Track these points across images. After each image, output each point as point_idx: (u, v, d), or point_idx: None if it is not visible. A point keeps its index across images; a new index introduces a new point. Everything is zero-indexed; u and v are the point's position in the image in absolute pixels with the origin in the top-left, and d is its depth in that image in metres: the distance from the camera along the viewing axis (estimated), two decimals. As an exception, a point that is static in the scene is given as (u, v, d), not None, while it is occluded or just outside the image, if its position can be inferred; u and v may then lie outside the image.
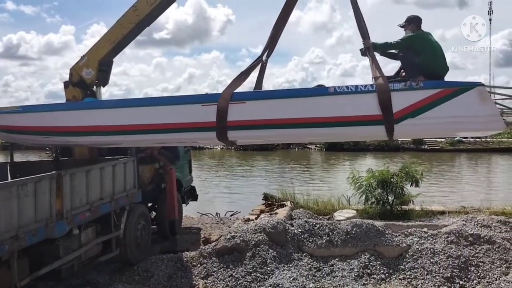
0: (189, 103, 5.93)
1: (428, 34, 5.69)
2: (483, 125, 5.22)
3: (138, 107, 6.21)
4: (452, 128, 5.53)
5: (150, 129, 6.04)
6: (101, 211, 6.96)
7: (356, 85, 5.28)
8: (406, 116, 5.09)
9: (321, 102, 5.39)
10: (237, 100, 5.56)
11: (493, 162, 31.29)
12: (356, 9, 5.61)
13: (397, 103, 5.08)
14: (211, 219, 13.07)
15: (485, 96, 4.99)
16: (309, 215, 10.05)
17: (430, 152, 36.42)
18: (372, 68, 5.33)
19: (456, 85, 5.07)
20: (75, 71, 8.35)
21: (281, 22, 5.96)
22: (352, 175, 11.64)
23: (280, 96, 5.75)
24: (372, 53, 5.45)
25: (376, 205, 11.00)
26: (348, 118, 5.32)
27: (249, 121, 5.58)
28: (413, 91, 5.09)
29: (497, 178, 24.03)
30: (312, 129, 5.55)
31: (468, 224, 8.20)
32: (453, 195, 17.24)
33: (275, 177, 24.79)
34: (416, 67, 5.43)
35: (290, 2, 5.91)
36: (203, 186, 19.67)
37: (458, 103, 4.96)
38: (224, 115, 5.49)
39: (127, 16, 7.99)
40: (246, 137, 6.25)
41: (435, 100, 5.03)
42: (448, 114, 5.03)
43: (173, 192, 9.73)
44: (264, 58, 6.05)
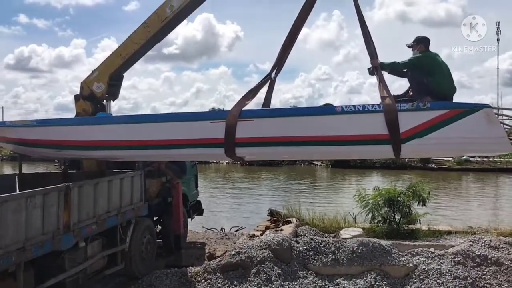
0: (199, 120, 6.07)
1: (435, 55, 5.73)
2: (490, 147, 5.24)
3: (149, 123, 6.38)
4: (459, 148, 5.56)
5: (161, 145, 6.18)
6: (108, 224, 6.99)
7: (363, 104, 5.32)
8: (413, 136, 5.12)
9: (329, 121, 5.45)
10: (246, 118, 5.64)
11: (501, 182, 30.99)
12: (364, 29, 5.71)
13: (404, 123, 5.11)
14: (216, 234, 13.04)
15: (492, 118, 5.00)
16: (314, 232, 9.99)
17: (437, 171, 36.19)
18: (380, 87, 5.38)
19: (463, 107, 5.08)
20: (86, 85, 8.48)
21: (289, 42, 6.09)
22: (358, 192, 11.60)
23: (287, 114, 5.83)
24: (380, 73, 5.50)
25: (382, 224, 10.93)
26: (355, 137, 5.37)
27: (257, 138, 5.66)
28: (420, 111, 5.11)
29: (504, 199, 23.78)
30: (319, 147, 5.60)
31: (475, 245, 8.10)
32: (460, 215, 17.07)
33: (280, 193, 24.71)
34: (424, 87, 5.46)
35: (298, 24, 6.03)
36: (208, 200, 19.65)
37: (464, 124, 4.97)
38: (232, 132, 5.58)
39: (138, 32, 8.11)
40: (254, 154, 6.35)
41: (442, 121, 5.04)
42: (455, 135, 5.05)
43: (179, 206, 9.74)
44: (272, 76, 6.14)
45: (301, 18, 6.02)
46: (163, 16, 7.81)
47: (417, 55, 5.69)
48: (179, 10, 7.70)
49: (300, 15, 6.01)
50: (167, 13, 7.76)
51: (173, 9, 7.69)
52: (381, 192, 11.15)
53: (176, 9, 7.68)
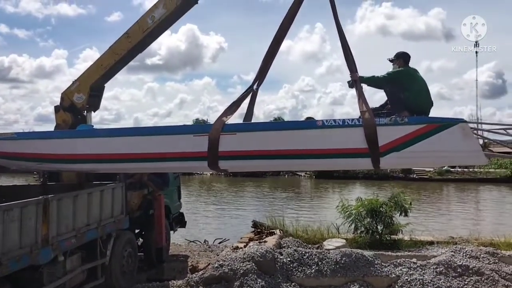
0: (182, 133, 6.12)
1: (414, 70, 5.89)
2: (465, 160, 5.50)
3: (131, 137, 6.35)
4: (436, 161, 5.77)
5: (144, 158, 6.17)
6: (87, 237, 6.85)
7: (343, 119, 5.45)
8: (392, 150, 5.24)
9: (310, 135, 5.54)
10: (228, 131, 5.68)
11: (481, 192, 31.50)
12: (344, 43, 5.82)
13: (382, 137, 5.22)
14: (199, 246, 12.92)
15: (467, 132, 5.11)
16: (298, 244, 9.96)
17: (419, 181, 36.65)
18: (359, 102, 5.48)
19: (440, 121, 5.21)
20: (66, 96, 8.37)
21: (271, 53, 6.13)
22: (341, 203, 11.63)
23: (269, 128, 5.96)
24: (359, 86, 5.61)
25: (365, 234, 10.97)
26: (335, 150, 5.48)
27: (239, 151, 5.73)
28: (398, 126, 5.24)
29: (485, 209, 24.15)
30: (301, 160, 5.71)
31: (456, 255, 8.18)
32: (441, 225, 17.26)
33: (264, 204, 24.67)
34: (401, 101, 5.60)
35: (280, 36, 6.08)
36: (192, 212, 19.49)
37: (441, 138, 5.10)
38: (215, 145, 5.63)
39: (119, 43, 8.06)
40: (237, 166, 6.45)
41: (419, 135, 5.17)
42: (432, 149, 5.18)
43: (161, 218, 9.62)
44: (254, 87, 6.17)
45: (283, 29, 6.06)
46: (145, 27, 7.79)
47: (396, 70, 5.85)
48: (161, 20, 7.69)
49: (281, 27, 6.05)
50: (148, 23, 7.74)
51: (154, 20, 7.69)
52: (364, 203, 11.20)
53: (158, 20, 7.68)
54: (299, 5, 6.08)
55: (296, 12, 6.11)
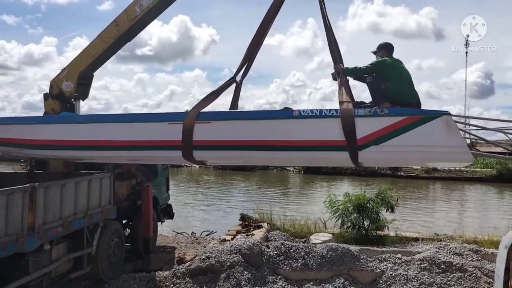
0: (157, 121, 5.89)
1: (397, 60, 5.61)
2: (449, 156, 4.99)
3: (106, 123, 6.19)
4: (418, 157, 5.29)
5: (118, 146, 6.00)
6: (74, 226, 6.82)
7: (321, 109, 5.16)
8: (370, 143, 4.93)
9: (286, 125, 5.28)
10: (203, 120, 5.49)
11: (467, 191, 31.90)
12: (329, 34, 5.64)
13: (361, 129, 4.91)
14: (187, 238, 12.91)
15: (451, 125, 4.78)
16: (285, 237, 10.02)
17: (406, 178, 36.97)
18: (340, 92, 5.22)
19: (422, 113, 4.91)
20: (55, 84, 8.30)
21: (255, 44, 5.98)
22: (329, 198, 11.72)
23: (245, 117, 5.68)
24: (342, 78, 5.37)
25: (352, 230, 11.07)
26: (312, 142, 5.18)
27: (214, 141, 5.50)
28: (377, 117, 4.92)
29: (470, 207, 24.48)
30: (277, 152, 5.42)
31: (441, 252, 8.30)
32: (427, 222, 17.47)
33: (252, 198, 24.72)
34: (383, 92, 5.32)
35: (264, 27, 5.93)
36: (179, 204, 19.47)
37: (423, 132, 4.78)
38: (190, 134, 5.43)
39: (108, 31, 8.02)
40: (212, 158, 6.12)
41: (400, 128, 4.85)
42: (413, 143, 4.85)
43: (149, 209, 9.60)
44: (238, 79, 6.05)
45: (268, 19, 5.92)
46: (133, 15, 7.75)
47: (378, 60, 5.60)
48: (148, 9, 7.65)
49: (266, 17, 5.92)
50: (136, 11, 7.70)
51: (142, 8, 7.64)
52: (351, 199, 11.30)
53: (145, 8, 7.64)
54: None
55: (281, 2, 5.91)
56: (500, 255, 5.38)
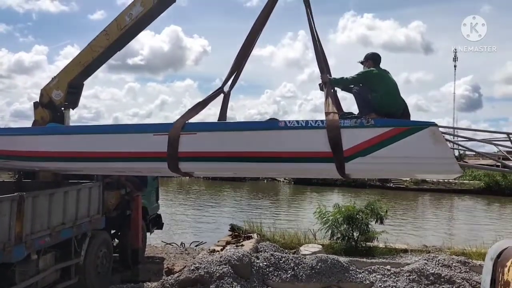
0: (141, 132, 5.82)
1: (383, 71, 5.59)
2: (436, 167, 4.92)
3: (91, 135, 6.11)
4: (405, 169, 5.24)
5: (103, 157, 5.91)
6: (62, 236, 6.76)
7: (306, 120, 5.12)
8: (356, 154, 4.87)
9: (271, 136, 5.23)
10: (189, 131, 5.43)
11: (455, 203, 32.11)
12: (316, 44, 5.67)
13: (347, 140, 4.86)
14: (176, 249, 12.84)
15: (438, 137, 4.72)
16: (275, 248, 10.01)
17: (395, 190, 37.13)
18: (326, 103, 5.19)
19: (408, 124, 4.87)
20: (45, 92, 8.29)
21: (243, 55, 5.98)
22: (319, 209, 11.73)
23: (231, 128, 5.62)
24: (328, 88, 5.35)
25: (341, 241, 11.08)
26: (298, 153, 5.13)
27: (199, 152, 5.43)
28: (363, 128, 4.88)
29: (458, 219, 24.63)
30: (263, 163, 5.37)
31: (429, 263, 8.34)
32: (416, 234, 17.54)
33: (242, 208, 24.65)
34: (369, 103, 5.30)
35: (252, 36, 5.94)
36: (169, 214, 19.35)
37: (409, 143, 4.72)
38: (175, 145, 5.36)
39: (98, 40, 8.05)
40: (198, 169, 6.05)
41: (386, 139, 4.80)
42: (399, 154, 4.79)
43: (138, 220, 9.54)
44: (226, 89, 6.00)
45: (255, 30, 5.95)
46: (122, 24, 7.79)
47: (364, 70, 5.57)
48: (138, 18, 7.70)
49: (253, 28, 5.93)
50: (126, 21, 7.74)
51: (132, 17, 7.69)
52: (341, 210, 11.32)
53: (135, 17, 7.69)
54: (272, 6, 5.92)
55: (269, 13, 5.94)
56: (486, 267, 5.41)
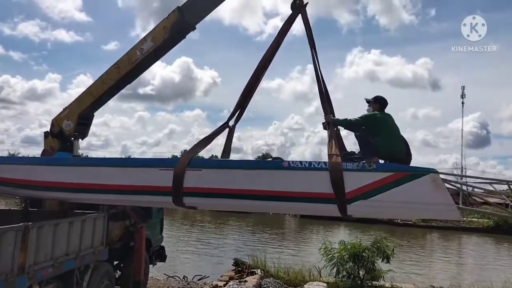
0: (148, 166, 5.99)
1: (387, 115, 5.66)
2: (436, 213, 5.08)
3: (98, 167, 6.29)
4: (405, 212, 5.48)
5: (109, 189, 6.06)
6: (65, 267, 6.71)
7: (310, 161, 5.23)
8: (358, 197, 4.95)
9: (276, 176, 5.32)
10: (194, 167, 5.56)
11: (463, 241, 31.54)
12: (320, 85, 5.84)
13: (349, 183, 4.95)
14: (178, 282, 12.65)
15: (438, 183, 4.80)
16: (279, 286, 9.87)
17: (403, 226, 36.63)
18: (329, 144, 5.26)
19: (409, 170, 4.94)
20: (56, 122, 8.43)
21: (249, 89, 6.14)
22: (324, 246, 11.59)
23: (235, 166, 5.74)
24: (331, 129, 5.42)
25: (347, 279, 10.90)
26: (301, 194, 5.20)
27: (204, 188, 5.54)
28: (365, 172, 4.96)
29: (466, 258, 24.14)
30: (266, 202, 5.44)
31: (436, 305, 8.16)
32: (423, 273, 17.19)
33: (247, 242, 24.38)
34: (372, 146, 5.36)
35: (259, 72, 6.15)
36: (172, 246, 19.18)
37: (410, 188, 4.80)
38: (180, 181, 5.49)
39: (109, 73, 8.25)
40: (202, 204, 6.15)
41: (387, 184, 4.88)
42: (400, 199, 4.87)
43: (142, 251, 9.44)
44: (231, 124, 6.13)
45: (261, 68, 6.14)
46: (134, 58, 7.98)
47: (368, 113, 5.63)
48: (149, 53, 7.89)
49: (259, 66, 6.12)
50: (137, 55, 7.94)
51: (143, 52, 7.88)
52: (347, 247, 11.18)
53: (146, 52, 7.88)
54: (279, 45, 6.16)
55: (273, 54, 6.14)
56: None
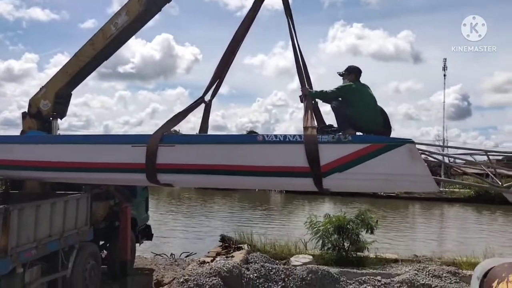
0: (120, 143, 5.83)
1: (363, 86, 5.51)
2: (413, 184, 4.94)
3: (70, 144, 6.11)
4: (382, 185, 5.25)
5: (82, 168, 5.89)
6: (49, 249, 6.65)
7: (285, 134, 5.10)
8: (334, 170, 4.86)
9: (250, 150, 5.20)
10: (167, 143, 5.42)
11: (445, 211, 32.27)
12: (297, 56, 5.67)
13: (324, 156, 4.84)
14: (165, 260, 12.70)
15: (415, 154, 4.72)
16: (265, 259, 9.96)
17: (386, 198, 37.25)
18: (305, 117, 5.15)
19: (385, 141, 4.85)
20: (33, 103, 8.21)
21: (224, 64, 5.98)
22: (309, 219, 11.72)
23: (209, 141, 5.61)
24: (308, 101, 5.30)
25: (332, 251, 11.06)
26: (275, 168, 5.09)
27: (178, 164, 5.40)
28: (340, 144, 4.86)
29: (449, 228, 24.74)
30: (240, 177, 5.32)
31: (420, 274, 8.34)
32: (406, 243, 17.56)
33: (233, 218, 24.54)
34: (347, 118, 5.23)
35: (234, 45, 5.97)
36: (159, 224, 19.19)
37: (386, 159, 4.72)
38: (153, 157, 5.37)
39: (84, 49, 8.02)
40: (177, 181, 6.00)
41: (363, 155, 4.79)
42: (376, 171, 4.79)
43: (127, 231, 9.42)
44: (207, 99, 5.96)
45: (237, 40, 5.97)
46: (108, 33, 7.76)
47: (344, 84, 5.46)
48: (123, 27, 7.68)
49: (235, 38, 5.94)
50: (112, 30, 7.72)
51: (117, 27, 7.67)
52: (331, 220, 11.32)
53: (121, 27, 7.67)
54: (254, 16, 5.98)
55: (250, 23, 5.96)
56: (472, 286, 5.42)
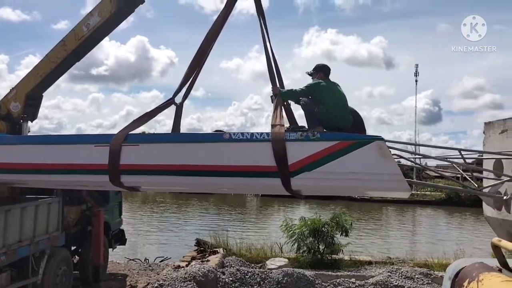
0: (82, 143, 5.54)
1: (333, 83, 5.42)
2: (384, 184, 4.70)
3: (30, 145, 5.83)
4: (351, 185, 4.95)
5: (42, 169, 5.58)
6: (19, 254, 6.49)
7: (252, 132, 4.92)
8: (302, 169, 4.66)
9: (216, 149, 5.00)
10: (131, 142, 5.17)
11: (418, 214, 32.91)
12: (268, 55, 5.57)
13: (292, 154, 4.65)
14: (139, 265, 12.53)
15: (385, 151, 4.52)
16: (241, 263, 9.93)
17: (360, 201, 37.74)
18: (273, 115, 5.03)
19: (354, 138, 4.67)
20: (3, 104, 8.02)
21: (195, 66, 5.83)
22: (285, 223, 11.75)
23: (174, 140, 5.36)
24: (278, 100, 5.21)
25: (307, 254, 11.11)
26: (242, 167, 4.89)
27: (141, 165, 5.15)
28: (309, 142, 4.68)
29: (421, 230, 25.23)
30: (208, 178, 5.08)
31: (393, 276, 8.47)
32: (380, 245, 17.83)
33: (209, 222, 24.41)
34: (316, 116, 5.13)
35: (205, 46, 5.82)
36: (133, 229, 18.94)
37: (355, 158, 4.52)
38: (116, 157, 5.09)
39: (55, 50, 7.87)
40: (141, 183, 5.73)
41: (332, 153, 4.60)
42: (345, 170, 4.58)
43: (100, 235, 9.27)
44: (178, 101, 5.79)
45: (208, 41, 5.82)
46: (80, 34, 7.64)
47: (312, 82, 5.39)
48: (95, 28, 7.57)
49: (206, 39, 5.80)
50: (83, 31, 7.60)
51: (89, 28, 7.56)
52: (307, 223, 11.38)
53: (93, 28, 7.55)
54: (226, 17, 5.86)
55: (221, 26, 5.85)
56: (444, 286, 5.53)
